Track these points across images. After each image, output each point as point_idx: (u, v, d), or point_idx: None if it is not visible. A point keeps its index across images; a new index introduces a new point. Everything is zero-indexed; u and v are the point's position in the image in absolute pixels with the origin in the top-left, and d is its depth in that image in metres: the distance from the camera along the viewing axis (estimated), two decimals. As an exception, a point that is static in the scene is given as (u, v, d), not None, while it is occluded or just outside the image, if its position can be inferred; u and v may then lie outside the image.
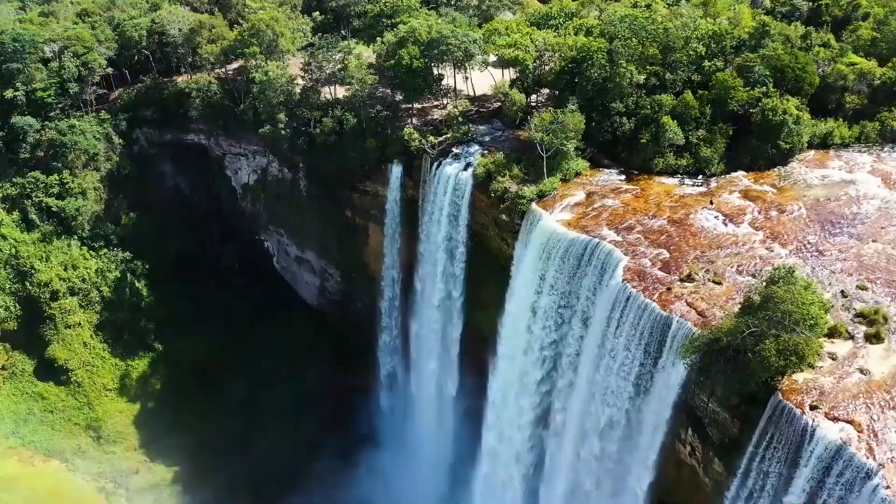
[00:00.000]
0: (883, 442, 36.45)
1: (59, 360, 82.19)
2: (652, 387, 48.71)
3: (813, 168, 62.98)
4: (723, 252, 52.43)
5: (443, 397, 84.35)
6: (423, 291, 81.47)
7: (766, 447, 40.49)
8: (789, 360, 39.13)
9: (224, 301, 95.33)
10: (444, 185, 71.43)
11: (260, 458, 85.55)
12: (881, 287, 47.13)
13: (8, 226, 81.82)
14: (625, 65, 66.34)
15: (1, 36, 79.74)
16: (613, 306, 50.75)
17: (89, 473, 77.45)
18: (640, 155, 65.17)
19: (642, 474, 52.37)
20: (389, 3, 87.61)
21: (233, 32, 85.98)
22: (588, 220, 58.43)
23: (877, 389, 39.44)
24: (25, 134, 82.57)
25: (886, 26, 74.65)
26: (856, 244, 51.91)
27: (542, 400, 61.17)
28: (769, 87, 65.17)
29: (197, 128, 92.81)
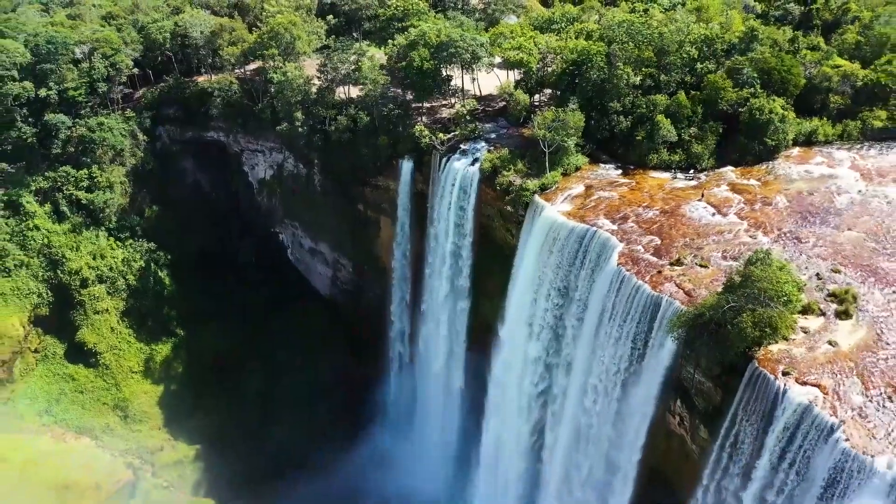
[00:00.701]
0: (845, 403, 40.99)
1: (89, 344, 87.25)
2: (644, 360, 53.29)
3: (797, 164, 67.42)
4: (710, 239, 57.01)
5: (450, 385, 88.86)
6: (432, 281, 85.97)
7: (743, 410, 45.11)
8: (764, 332, 43.77)
9: (241, 294, 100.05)
10: (453, 179, 76.08)
11: (275, 442, 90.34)
12: (853, 270, 51.60)
13: (41, 217, 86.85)
14: (622, 67, 70.96)
15: (36, 38, 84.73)
16: (609, 287, 55.45)
17: (117, 450, 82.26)
18: (636, 151, 69.70)
19: (635, 440, 57.05)
20: (400, 8, 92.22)
21: (252, 35, 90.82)
22: (587, 210, 63.07)
23: (843, 359, 43.96)
24: (58, 130, 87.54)
25: (870, 31, 79.07)
26: (832, 232, 56.38)
27: (543, 371, 65.76)
28: (757, 87, 69.71)
29: (217, 126, 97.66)
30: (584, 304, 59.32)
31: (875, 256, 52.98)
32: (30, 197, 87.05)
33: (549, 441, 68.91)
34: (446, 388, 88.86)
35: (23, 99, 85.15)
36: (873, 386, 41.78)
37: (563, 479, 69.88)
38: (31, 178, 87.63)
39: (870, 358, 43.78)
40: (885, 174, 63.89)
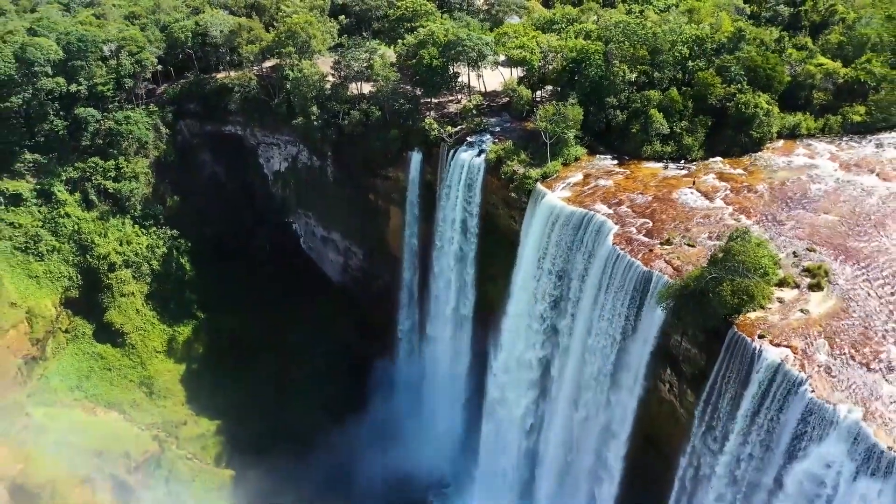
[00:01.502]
0: (813, 361, 46.20)
1: (116, 325, 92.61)
2: (636, 330, 58.59)
3: (780, 155, 72.61)
4: (697, 222, 62.24)
5: (456, 365, 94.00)
6: (440, 267, 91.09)
7: (724, 371, 50.37)
8: (742, 300, 49.03)
9: (256, 280, 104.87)
10: (460, 169, 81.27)
11: (288, 418, 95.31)
12: (826, 249, 56.76)
13: (71, 205, 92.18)
14: (618, 64, 76.21)
15: (68, 37, 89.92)
16: (605, 265, 60.74)
17: (144, 423, 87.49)
18: (631, 143, 74.77)
19: (629, 407, 62.35)
20: (410, 9, 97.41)
21: (270, 34, 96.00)
22: (585, 196, 68.32)
23: (813, 325, 49.18)
24: (87, 123, 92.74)
25: (852, 31, 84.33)
26: (809, 216, 61.56)
27: (545, 343, 71.05)
28: (743, 84, 74.75)
29: (235, 120, 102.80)
30: (582, 281, 64.63)
31: (847, 237, 58.17)
32: (61, 186, 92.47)
33: (549, 412, 74.34)
34: (452, 369, 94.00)
35: (56, 93, 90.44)
36: (838, 347, 47.04)
37: (560, 450, 75.47)
38: (62, 169, 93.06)
39: (836, 324, 49.05)
40: (860, 164, 69.09)
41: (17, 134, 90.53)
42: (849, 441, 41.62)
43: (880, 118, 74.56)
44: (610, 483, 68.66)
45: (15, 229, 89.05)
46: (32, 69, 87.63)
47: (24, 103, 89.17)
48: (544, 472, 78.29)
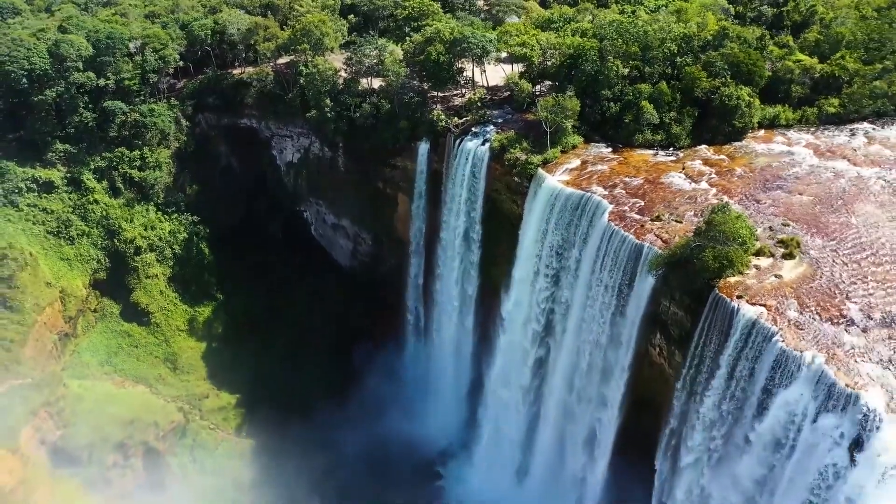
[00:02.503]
0: (784, 317, 52.56)
1: (142, 305, 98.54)
2: (630, 297, 64.97)
3: (760, 143, 79.01)
4: (684, 201, 68.60)
5: (461, 342, 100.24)
6: (445, 251, 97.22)
7: (707, 328, 56.77)
8: (722, 264, 55.43)
9: (270, 265, 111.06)
10: (466, 157, 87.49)
11: (303, 392, 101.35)
12: (800, 224, 63.07)
13: (99, 192, 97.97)
14: (612, 60, 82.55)
15: (97, 34, 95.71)
16: (601, 240, 67.06)
17: (169, 396, 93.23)
18: (624, 132, 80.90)
19: (622, 370, 68.72)
20: (416, 9, 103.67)
21: (285, 32, 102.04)
22: (582, 180, 74.65)
23: (784, 287, 55.59)
24: (115, 115, 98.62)
25: (829, 30, 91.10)
26: (785, 196, 67.96)
27: (546, 313, 77.39)
28: (727, 78, 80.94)
29: (250, 113, 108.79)
30: (580, 255, 71.00)
31: (819, 214, 64.51)
32: (89, 174, 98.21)
33: (548, 379, 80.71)
34: (458, 347, 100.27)
35: (87, 88, 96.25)
36: (806, 306, 53.44)
37: (559, 416, 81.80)
38: (91, 158, 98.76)
39: (805, 287, 55.44)
40: (833, 151, 75.55)
41: (49, 125, 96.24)
42: (813, 382, 48.00)
43: (853, 110, 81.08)
44: (604, 445, 75.27)
45: (48, 215, 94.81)
46: (65, 64, 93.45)
47: (57, 96, 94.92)
48: (543, 437, 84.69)
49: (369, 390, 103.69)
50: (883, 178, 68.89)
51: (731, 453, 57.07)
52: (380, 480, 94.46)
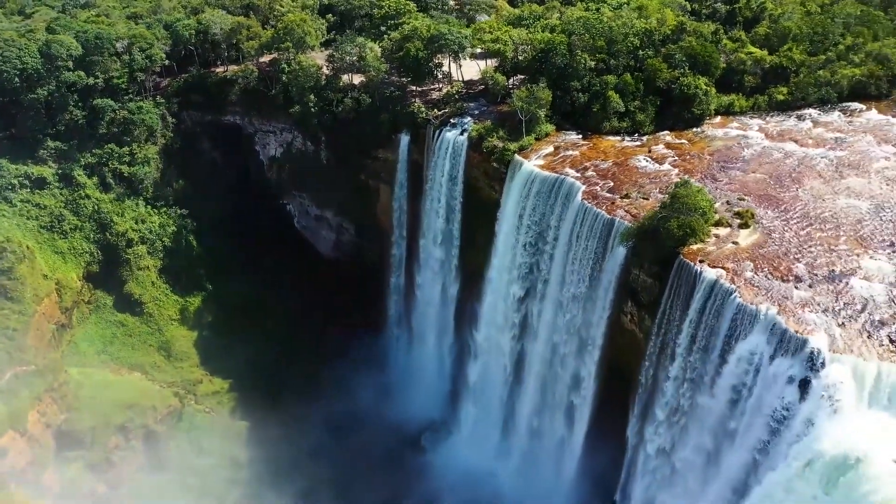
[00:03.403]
0: (741, 277, 58.89)
1: (135, 295, 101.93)
2: (603, 268, 70.90)
3: (717, 128, 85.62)
4: (650, 181, 74.90)
5: (442, 328, 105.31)
6: (427, 238, 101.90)
7: (673, 292, 62.94)
8: (686, 233, 61.63)
9: (256, 255, 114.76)
10: (446, 147, 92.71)
11: (292, 375, 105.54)
12: (753, 198, 69.50)
13: (90, 188, 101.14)
14: (580, 54, 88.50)
15: (86, 34, 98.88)
16: (576, 217, 72.98)
17: (165, 382, 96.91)
18: (593, 120, 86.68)
19: (597, 338, 74.72)
20: (393, 8, 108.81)
21: (268, 31, 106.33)
22: (556, 164, 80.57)
23: (741, 252, 61.97)
24: (104, 113, 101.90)
25: (777, 24, 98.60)
26: (741, 175, 74.51)
27: (525, 288, 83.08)
28: (686, 69, 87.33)
29: (234, 110, 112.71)
30: (557, 233, 76.80)
31: (770, 189, 71.11)
32: (80, 170, 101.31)
33: (529, 351, 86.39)
34: (441, 330, 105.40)
35: (77, 86, 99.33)
36: (760, 267, 59.84)
37: (539, 385, 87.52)
38: (81, 155, 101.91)
39: (759, 251, 61.88)
40: (783, 135, 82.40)
41: (40, 123, 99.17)
42: (767, 331, 54.29)
43: (800, 97, 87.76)
44: (582, 414, 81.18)
45: (41, 210, 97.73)
46: (56, 63, 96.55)
47: (48, 95, 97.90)
48: (524, 408, 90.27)
49: (354, 374, 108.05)
50: (826, 158, 75.83)
51: (699, 405, 63.33)
52: (367, 457, 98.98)
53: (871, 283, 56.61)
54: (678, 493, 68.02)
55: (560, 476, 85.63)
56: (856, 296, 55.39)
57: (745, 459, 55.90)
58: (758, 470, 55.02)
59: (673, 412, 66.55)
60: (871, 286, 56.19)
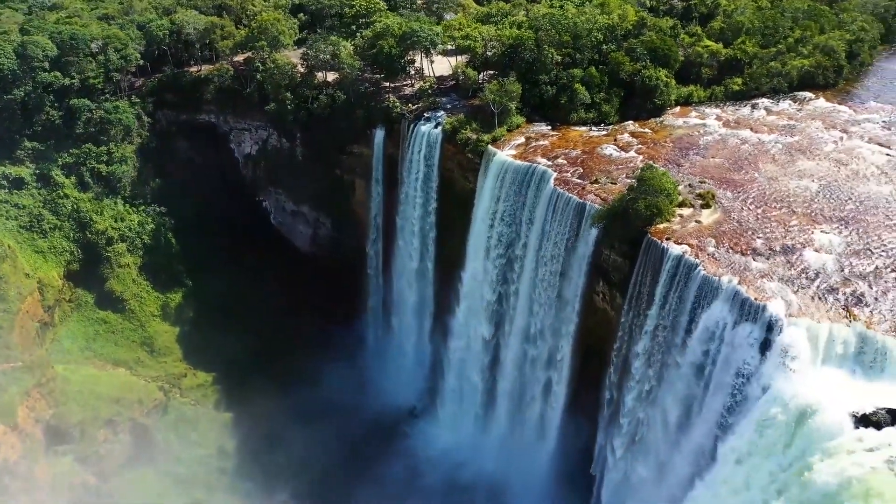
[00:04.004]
0: (704, 252, 63.34)
1: (116, 293, 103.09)
2: (576, 249, 74.97)
3: (678, 117, 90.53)
4: (617, 167, 79.24)
5: (421, 316, 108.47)
6: (404, 228, 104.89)
7: (642, 269, 67.25)
8: (653, 213, 65.99)
9: (234, 251, 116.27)
10: (420, 140, 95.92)
11: (274, 367, 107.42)
12: (713, 181, 74.13)
13: (69, 187, 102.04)
14: (547, 49, 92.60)
15: (61, 35, 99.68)
16: (549, 203, 76.93)
17: (149, 377, 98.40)
18: (561, 111, 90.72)
19: (572, 317, 78.81)
20: (364, 7, 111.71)
21: (242, 30, 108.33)
22: (528, 153, 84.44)
23: (704, 230, 66.47)
24: (81, 113, 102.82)
25: (730, 19, 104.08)
26: (701, 160, 79.34)
27: (502, 272, 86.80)
28: (647, 62, 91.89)
29: (209, 109, 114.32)
30: (531, 218, 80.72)
31: (728, 173, 75.95)
32: (58, 170, 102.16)
33: (506, 333, 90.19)
34: (419, 318, 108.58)
35: (54, 86, 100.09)
36: (721, 243, 64.41)
37: (516, 365, 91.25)
38: (58, 155, 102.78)
39: (720, 228, 66.48)
40: (739, 122, 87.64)
41: (17, 124, 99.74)
42: (730, 299, 58.79)
43: (753, 87, 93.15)
44: (559, 392, 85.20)
45: (20, 210, 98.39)
46: (32, 64, 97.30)
47: (25, 95, 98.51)
48: (503, 388, 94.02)
49: (335, 363, 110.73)
50: (779, 143, 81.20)
51: (669, 374, 67.68)
52: (351, 442, 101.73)
53: (821, 254, 61.59)
54: (651, 462, 72.43)
55: (540, 452, 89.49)
56: (808, 266, 60.27)
57: (713, 420, 60.29)
58: (725, 429, 59.51)
59: (645, 381, 70.87)
60: (822, 257, 61.17)
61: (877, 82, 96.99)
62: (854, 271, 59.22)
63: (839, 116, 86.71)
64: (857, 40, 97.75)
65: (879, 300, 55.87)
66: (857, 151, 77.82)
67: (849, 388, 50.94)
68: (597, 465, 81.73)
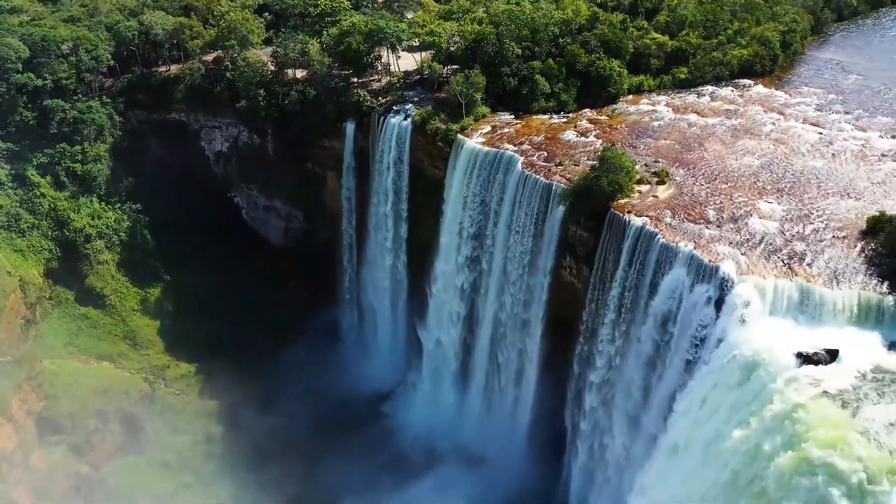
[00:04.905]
0: (662, 222, 69.86)
1: (97, 289, 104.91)
2: (544, 227, 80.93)
3: (631, 104, 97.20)
4: (578, 151, 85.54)
5: (395, 299, 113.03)
6: (376, 217, 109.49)
7: (606, 241, 73.49)
8: (615, 188, 72.24)
9: (208, 247, 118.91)
10: (391, 132, 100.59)
11: (254, 356, 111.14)
12: (667, 160, 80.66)
13: (44, 186, 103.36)
14: (508, 43, 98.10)
15: (32, 37, 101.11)
16: (517, 185, 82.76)
17: (133, 369, 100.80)
18: (523, 101, 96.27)
19: (541, 293, 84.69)
20: (329, 6, 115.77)
21: (212, 30, 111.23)
22: (495, 141, 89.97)
23: (661, 203, 73.02)
24: (54, 113, 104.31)
25: (675, 13, 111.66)
26: (654, 142, 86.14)
27: (473, 247, 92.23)
28: (601, 54, 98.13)
29: (179, 108, 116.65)
30: (500, 201, 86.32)
31: (680, 153, 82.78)
32: (33, 170, 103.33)
33: (480, 310, 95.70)
34: (393, 303, 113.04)
35: (29, 87, 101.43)
36: (677, 214, 71.00)
37: (491, 342, 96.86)
38: (33, 155, 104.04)
39: (675, 201, 73.14)
40: (686, 108, 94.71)
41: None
42: (687, 263, 65.36)
43: (698, 75, 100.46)
44: (531, 365, 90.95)
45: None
46: (5, 66, 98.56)
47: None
48: (479, 363, 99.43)
49: (313, 349, 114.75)
50: (724, 125, 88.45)
51: (634, 335, 73.90)
52: (330, 424, 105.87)
53: (765, 221, 68.73)
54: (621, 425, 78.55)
55: (516, 422, 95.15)
56: (754, 232, 67.28)
57: (676, 372, 66.84)
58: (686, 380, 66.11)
59: (612, 346, 77.13)
60: (766, 223, 68.33)
61: (808, 69, 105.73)
62: (794, 234, 66.44)
63: (776, 100, 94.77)
64: (790, 31, 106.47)
65: (816, 258, 63.05)
66: (793, 131, 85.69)
67: (793, 334, 57.67)
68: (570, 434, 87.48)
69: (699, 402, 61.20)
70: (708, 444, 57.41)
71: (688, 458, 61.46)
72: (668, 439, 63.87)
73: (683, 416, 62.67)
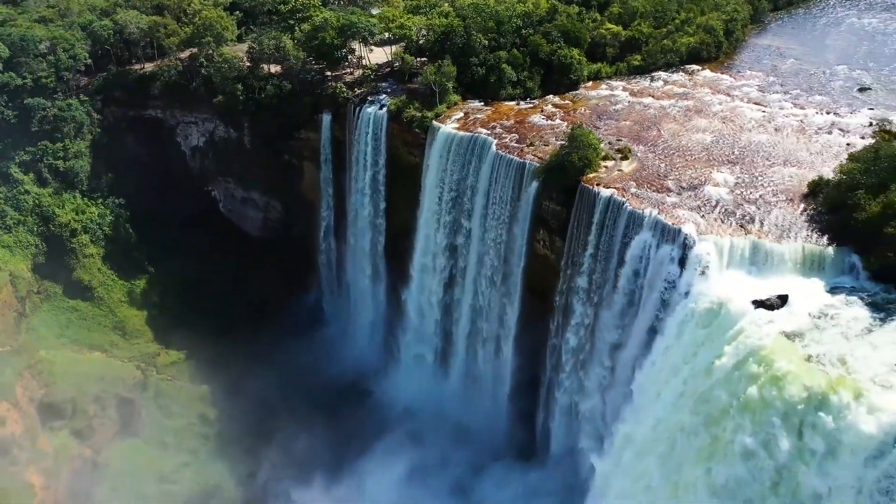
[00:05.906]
0: (628, 193, 76.92)
1: (84, 282, 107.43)
2: (519, 204, 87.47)
3: (591, 90, 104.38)
4: (547, 132, 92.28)
5: (376, 283, 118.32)
6: (354, 206, 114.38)
7: (578, 213, 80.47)
8: (584, 163, 79.11)
9: (187, 240, 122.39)
10: (367, 121, 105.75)
11: (239, 342, 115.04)
12: (628, 139, 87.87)
13: (28, 183, 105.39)
14: (476, 34, 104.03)
15: (10, 37, 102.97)
16: (493, 165, 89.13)
17: (125, 357, 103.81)
18: (491, 89, 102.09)
19: (518, 267, 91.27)
20: (299, 3, 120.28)
21: (187, 28, 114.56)
22: (469, 125, 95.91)
23: (626, 176, 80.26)
24: (36, 111, 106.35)
25: (626, 5, 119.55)
26: (615, 123, 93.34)
27: (452, 229, 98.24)
28: (561, 43, 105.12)
29: (155, 104, 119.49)
30: (476, 182, 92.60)
31: (639, 132, 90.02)
32: (16, 168, 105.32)
33: (459, 286, 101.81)
34: (373, 287, 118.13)
35: (10, 87, 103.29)
36: (641, 185, 78.15)
37: (469, 315, 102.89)
38: (15, 153, 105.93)
39: (638, 174, 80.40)
40: (642, 92, 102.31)
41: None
42: (652, 227, 72.62)
43: (651, 62, 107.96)
44: (509, 335, 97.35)
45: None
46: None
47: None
48: (459, 336, 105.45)
49: (296, 337, 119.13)
50: (677, 106, 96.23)
51: (606, 297, 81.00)
52: (317, 402, 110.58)
53: (719, 188, 76.38)
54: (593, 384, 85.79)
55: (496, 392, 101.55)
56: (710, 197, 74.84)
57: (647, 324, 74.14)
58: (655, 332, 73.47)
59: (585, 311, 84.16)
60: (719, 190, 76.00)
61: (750, 55, 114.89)
62: (744, 199, 74.31)
63: (723, 83, 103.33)
64: (732, 20, 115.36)
65: (765, 218, 70.97)
66: (739, 110, 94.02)
67: (748, 284, 65.43)
68: (544, 399, 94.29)
69: (668, 349, 68.68)
70: (681, 384, 64.83)
71: (660, 401, 68.97)
72: (644, 384, 71.21)
73: (654, 365, 69.98)
